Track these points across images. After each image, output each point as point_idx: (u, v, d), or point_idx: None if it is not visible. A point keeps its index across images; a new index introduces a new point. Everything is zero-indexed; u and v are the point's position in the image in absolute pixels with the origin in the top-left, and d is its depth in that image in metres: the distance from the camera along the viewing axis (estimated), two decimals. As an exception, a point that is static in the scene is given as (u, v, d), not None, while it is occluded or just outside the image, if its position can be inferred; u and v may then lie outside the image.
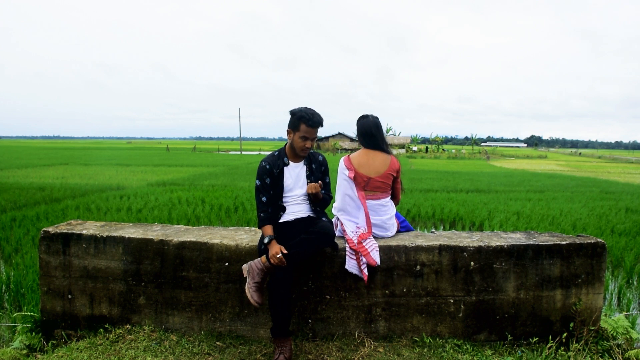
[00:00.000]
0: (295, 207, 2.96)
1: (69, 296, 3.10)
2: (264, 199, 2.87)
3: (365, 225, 3.03)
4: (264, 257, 2.66)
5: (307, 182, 2.94)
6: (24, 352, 2.97)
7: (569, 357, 2.79)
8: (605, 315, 3.32)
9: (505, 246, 2.95)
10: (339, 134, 69.40)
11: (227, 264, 2.95)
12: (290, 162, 2.95)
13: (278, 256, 2.61)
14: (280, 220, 2.92)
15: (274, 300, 2.65)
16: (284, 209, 2.94)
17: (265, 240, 2.72)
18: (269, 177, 2.89)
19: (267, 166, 2.89)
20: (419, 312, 2.96)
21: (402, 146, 66.23)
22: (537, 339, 2.96)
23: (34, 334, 3.11)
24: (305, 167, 2.97)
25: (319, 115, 2.81)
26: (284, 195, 2.93)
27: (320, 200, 2.97)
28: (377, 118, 3.17)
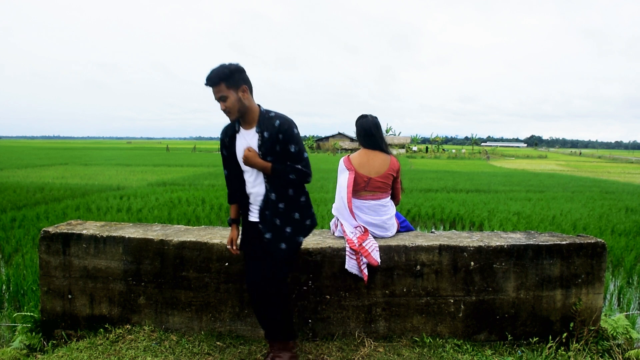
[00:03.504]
0: (257, 189, 2.49)
1: (69, 296, 3.10)
2: (225, 172, 2.60)
3: (361, 225, 3.03)
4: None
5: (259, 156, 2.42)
6: (24, 352, 2.97)
7: (569, 357, 2.79)
8: (605, 315, 3.32)
9: (505, 246, 2.95)
10: (339, 134, 69.40)
11: (227, 264, 2.95)
12: (241, 128, 2.47)
13: (231, 247, 2.52)
14: (249, 219, 2.55)
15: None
16: (247, 197, 2.56)
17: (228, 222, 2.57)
18: (225, 149, 2.55)
19: (221, 136, 2.55)
20: (419, 312, 2.96)
21: (402, 146, 66.21)
22: (537, 339, 2.95)
23: (34, 334, 3.11)
24: (257, 135, 2.41)
25: (212, 71, 2.29)
26: (244, 172, 2.52)
27: (277, 175, 2.40)
28: (376, 118, 3.17)
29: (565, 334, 2.98)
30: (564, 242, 3.00)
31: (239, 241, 2.64)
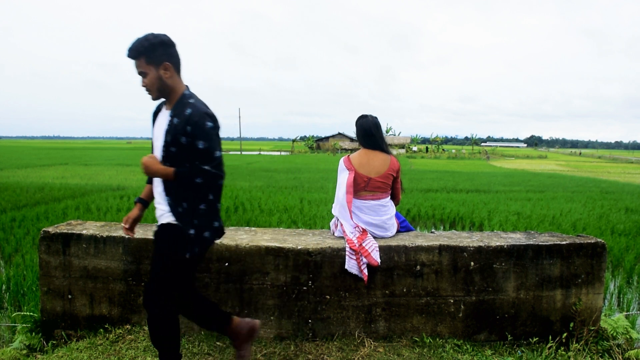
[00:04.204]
0: (156, 182, 2.21)
1: (69, 296, 3.10)
2: (152, 152, 2.30)
3: (360, 225, 3.03)
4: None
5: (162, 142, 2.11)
6: (24, 352, 2.97)
7: (569, 357, 2.79)
8: (605, 315, 3.32)
9: (505, 246, 2.96)
10: (339, 134, 69.45)
11: (227, 264, 2.95)
12: (163, 107, 2.22)
13: (124, 225, 2.29)
14: (160, 221, 2.20)
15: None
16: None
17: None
18: (152, 126, 2.29)
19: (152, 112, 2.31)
20: (419, 312, 2.96)
21: (402, 146, 66.23)
22: (537, 339, 2.96)
23: (34, 334, 3.11)
24: (169, 119, 2.10)
25: (134, 41, 2.05)
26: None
27: (182, 180, 2.06)
28: (376, 118, 3.17)
29: (565, 334, 2.98)
30: (564, 242, 3.00)
31: (150, 232, 2.42)
